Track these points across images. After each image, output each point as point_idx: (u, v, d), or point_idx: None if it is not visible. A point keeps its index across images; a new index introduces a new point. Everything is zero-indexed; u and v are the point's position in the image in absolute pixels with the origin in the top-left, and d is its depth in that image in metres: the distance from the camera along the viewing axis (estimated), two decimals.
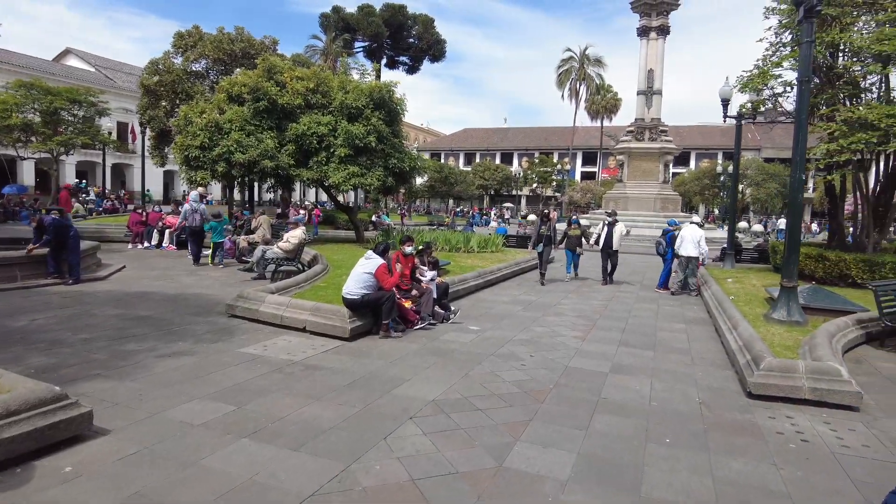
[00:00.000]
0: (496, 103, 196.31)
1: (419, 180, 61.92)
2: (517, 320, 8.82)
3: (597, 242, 13.45)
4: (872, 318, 8.29)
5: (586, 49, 56.10)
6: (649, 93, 31.82)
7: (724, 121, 16.42)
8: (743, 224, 39.78)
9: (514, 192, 64.80)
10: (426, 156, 67.96)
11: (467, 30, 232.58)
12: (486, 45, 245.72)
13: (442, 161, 69.56)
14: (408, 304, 7.98)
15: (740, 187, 50.53)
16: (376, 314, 7.33)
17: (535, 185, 63.11)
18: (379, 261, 7.32)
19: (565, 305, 10.39)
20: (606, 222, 13.22)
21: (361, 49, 58.78)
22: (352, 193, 54.76)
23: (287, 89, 16.44)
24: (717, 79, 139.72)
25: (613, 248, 13.12)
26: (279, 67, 16.97)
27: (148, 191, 30.87)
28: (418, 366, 6.06)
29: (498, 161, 69.44)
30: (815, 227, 45.44)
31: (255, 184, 24.02)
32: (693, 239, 12.46)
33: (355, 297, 7.13)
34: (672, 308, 10.68)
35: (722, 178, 47.79)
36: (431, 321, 8.11)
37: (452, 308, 9.31)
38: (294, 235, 11.16)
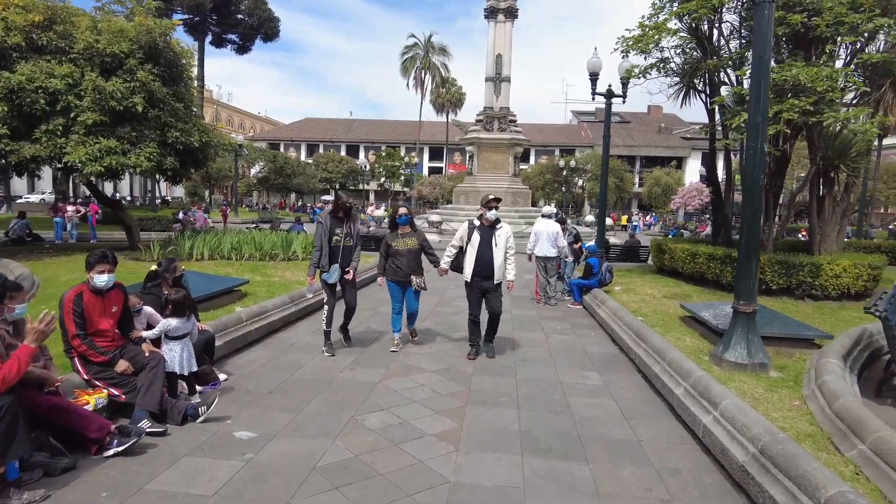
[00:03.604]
0: (342, 97, 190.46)
1: (253, 170, 55.28)
2: (337, 396, 4.98)
3: (455, 268, 6.46)
4: (848, 349, 5.87)
5: (431, 37, 53.99)
6: (498, 79, 29.79)
7: (593, 98, 14.13)
8: (590, 218, 39.95)
9: (361, 187, 60.59)
10: (263, 146, 61.24)
11: (310, 20, 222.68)
12: (331, 37, 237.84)
13: (282, 152, 63.06)
14: (90, 402, 3.78)
15: (580, 182, 51.91)
16: None
17: (383, 179, 59.67)
18: None
19: (417, 351, 6.81)
20: (475, 223, 6.26)
21: (180, 22, 50.61)
22: (177, 186, 46.29)
23: None
24: (550, 79, 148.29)
25: (495, 281, 6.15)
26: None
27: None
28: None
29: (343, 153, 64.81)
30: (648, 218, 47.72)
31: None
32: (549, 235, 9.84)
33: None
34: (564, 337, 7.63)
35: (564, 173, 48.39)
36: (155, 428, 3.96)
37: (221, 377, 5.24)
38: None
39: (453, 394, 5.07)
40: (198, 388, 4.93)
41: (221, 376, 5.31)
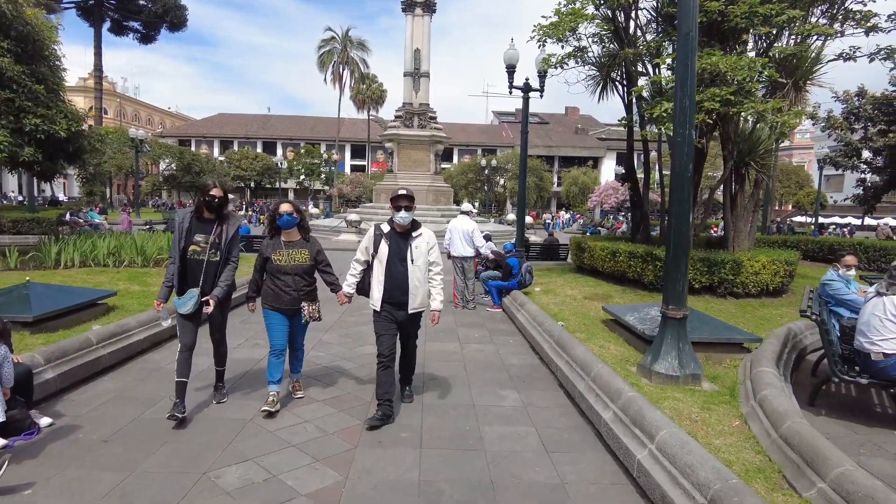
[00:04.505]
0: (261, 94, 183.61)
1: (162, 167, 51.26)
2: (192, 442, 3.93)
3: (363, 291, 4.67)
4: (778, 354, 5.49)
5: (349, 30, 52.40)
6: (416, 74, 29.05)
7: (510, 92, 13.57)
8: (511, 217, 39.99)
9: (277, 185, 57.85)
10: (172, 142, 57.16)
11: (226, 13, 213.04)
12: (249, 32, 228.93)
13: (193, 149, 59.25)
14: None
15: (501, 181, 52.15)
16: None
17: (302, 177, 57.36)
18: None
19: (310, 359, 5.83)
20: (384, 229, 4.50)
21: (72, 5, 46.28)
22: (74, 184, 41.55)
23: None
24: (477, 81, 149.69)
25: (410, 309, 4.42)
26: None
27: None
28: None
29: (260, 150, 61.75)
30: (567, 215, 48.66)
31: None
32: (464, 234, 9.22)
33: None
34: (481, 347, 6.89)
35: (486, 172, 48.46)
36: None
37: (43, 423, 4.11)
38: None
39: (343, 431, 4.15)
40: (2, 441, 3.75)
41: (44, 421, 4.14)
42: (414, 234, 4.46)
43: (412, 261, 4.39)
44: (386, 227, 4.50)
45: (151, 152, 42.59)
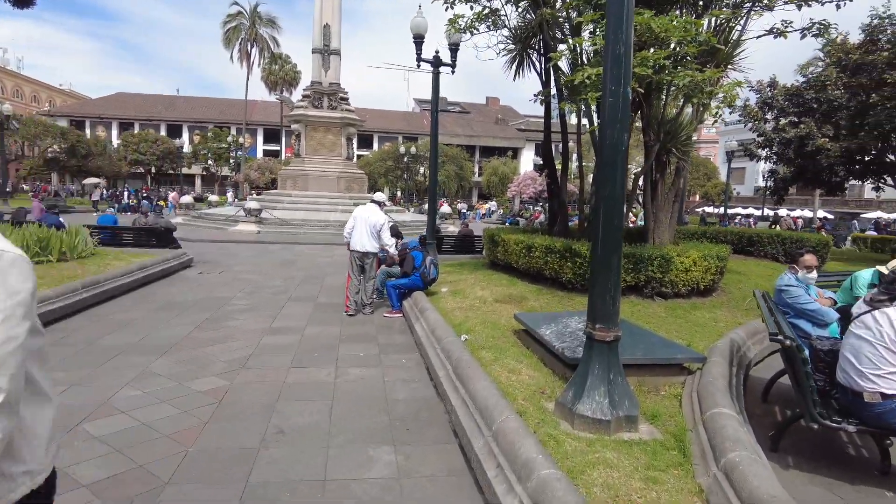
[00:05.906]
0: (172, 75, 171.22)
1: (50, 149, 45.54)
2: None
3: None
4: (729, 380, 4.36)
5: (257, 6, 48.71)
6: (326, 52, 26.93)
7: (419, 65, 12.06)
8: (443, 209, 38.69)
9: (182, 171, 53.17)
10: (63, 122, 51.17)
11: None
12: (156, 7, 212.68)
13: (88, 131, 53.62)
14: None
15: (421, 170, 50.70)
16: None
17: (209, 162, 53.22)
18: None
19: (114, 403, 4.11)
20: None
21: None
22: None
23: None
24: (393, 70, 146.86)
25: None
26: None
27: None
28: None
29: (164, 133, 56.70)
30: (493, 205, 47.89)
31: None
32: (371, 226, 7.70)
33: None
34: (364, 372, 5.36)
35: (406, 159, 46.84)
36: None
37: None
38: None
39: None
40: None
41: None
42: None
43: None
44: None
45: (22, 130, 37.48)
